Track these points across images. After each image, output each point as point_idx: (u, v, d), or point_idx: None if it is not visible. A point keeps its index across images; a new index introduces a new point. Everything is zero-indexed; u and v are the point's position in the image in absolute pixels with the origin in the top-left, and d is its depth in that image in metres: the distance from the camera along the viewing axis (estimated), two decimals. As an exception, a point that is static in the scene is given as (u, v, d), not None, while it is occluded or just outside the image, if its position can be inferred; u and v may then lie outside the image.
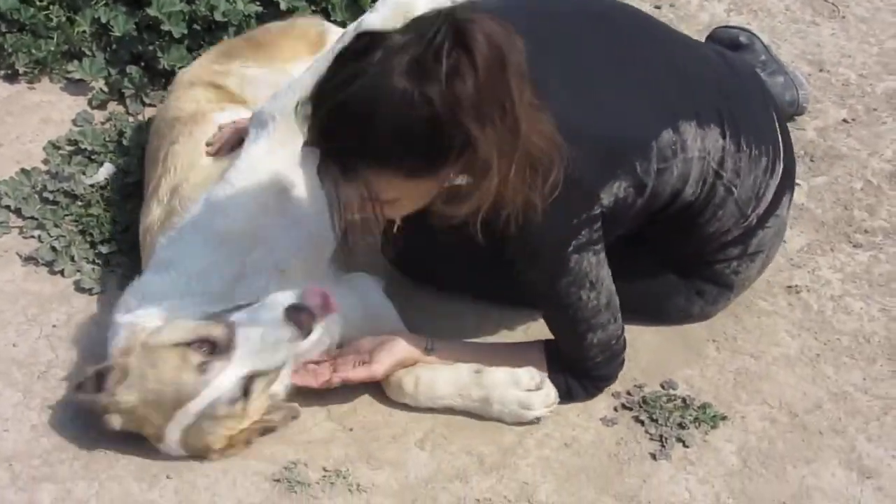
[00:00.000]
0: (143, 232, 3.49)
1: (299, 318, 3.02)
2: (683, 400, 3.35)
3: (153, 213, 3.46)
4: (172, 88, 3.95)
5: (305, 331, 3.02)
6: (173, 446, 3.10)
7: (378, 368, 3.24)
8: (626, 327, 3.25)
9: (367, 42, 2.65)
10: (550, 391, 3.26)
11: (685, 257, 3.43)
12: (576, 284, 3.09)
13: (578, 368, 3.30)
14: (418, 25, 2.64)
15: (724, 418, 3.32)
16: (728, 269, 3.44)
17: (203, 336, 3.03)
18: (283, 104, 3.27)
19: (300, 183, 3.29)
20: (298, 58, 3.94)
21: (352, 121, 2.65)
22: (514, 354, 3.35)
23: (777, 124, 3.45)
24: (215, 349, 3.02)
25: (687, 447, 3.26)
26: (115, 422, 3.07)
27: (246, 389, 3.03)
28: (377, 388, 3.35)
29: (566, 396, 3.32)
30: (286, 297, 3.05)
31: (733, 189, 3.26)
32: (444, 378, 3.29)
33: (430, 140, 2.65)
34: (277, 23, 4.25)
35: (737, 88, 3.36)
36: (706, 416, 3.31)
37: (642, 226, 3.26)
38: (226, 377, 2.99)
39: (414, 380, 3.29)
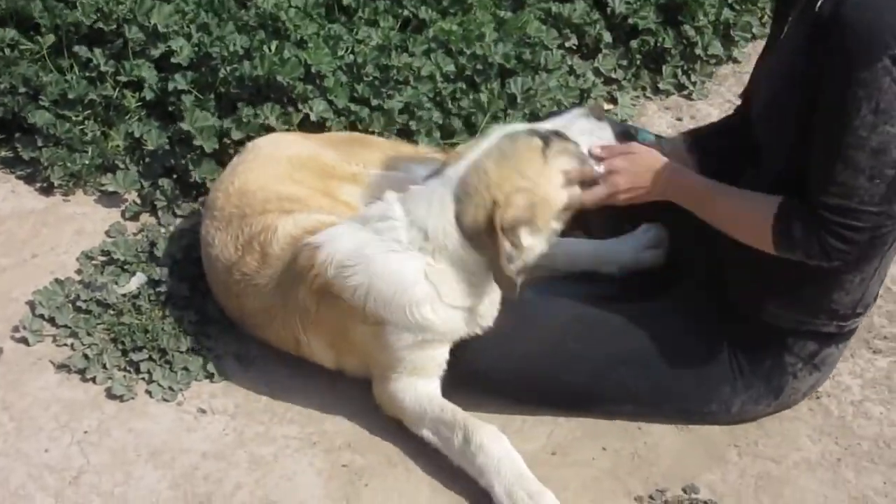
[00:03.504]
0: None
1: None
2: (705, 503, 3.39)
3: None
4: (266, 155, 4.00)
5: None
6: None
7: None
8: (648, 429, 3.26)
9: None
10: None
11: (793, 313, 3.41)
12: (864, 91, 2.94)
13: (809, 209, 3.08)
14: None
15: (746, 522, 3.35)
16: (791, 367, 3.47)
17: None
18: None
19: None
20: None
21: None
22: (745, 197, 3.26)
23: None
24: None
25: (709, 551, 3.28)
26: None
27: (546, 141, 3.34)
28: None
29: (787, 239, 3.13)
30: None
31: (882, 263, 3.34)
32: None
33: None
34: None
35: None
36: (728, 520, 3.34)
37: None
38: None
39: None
